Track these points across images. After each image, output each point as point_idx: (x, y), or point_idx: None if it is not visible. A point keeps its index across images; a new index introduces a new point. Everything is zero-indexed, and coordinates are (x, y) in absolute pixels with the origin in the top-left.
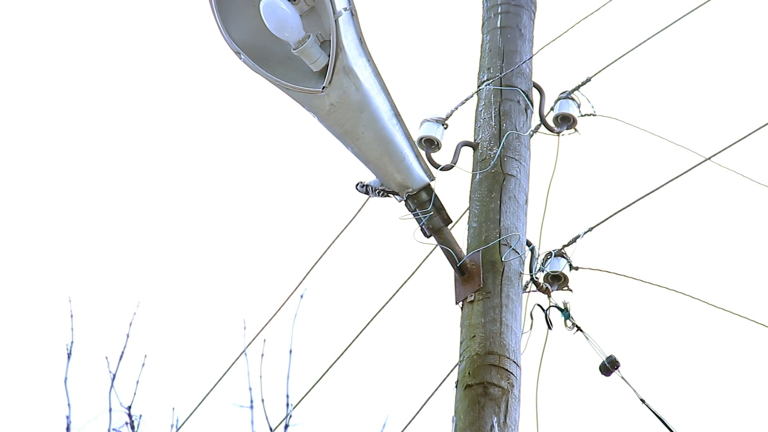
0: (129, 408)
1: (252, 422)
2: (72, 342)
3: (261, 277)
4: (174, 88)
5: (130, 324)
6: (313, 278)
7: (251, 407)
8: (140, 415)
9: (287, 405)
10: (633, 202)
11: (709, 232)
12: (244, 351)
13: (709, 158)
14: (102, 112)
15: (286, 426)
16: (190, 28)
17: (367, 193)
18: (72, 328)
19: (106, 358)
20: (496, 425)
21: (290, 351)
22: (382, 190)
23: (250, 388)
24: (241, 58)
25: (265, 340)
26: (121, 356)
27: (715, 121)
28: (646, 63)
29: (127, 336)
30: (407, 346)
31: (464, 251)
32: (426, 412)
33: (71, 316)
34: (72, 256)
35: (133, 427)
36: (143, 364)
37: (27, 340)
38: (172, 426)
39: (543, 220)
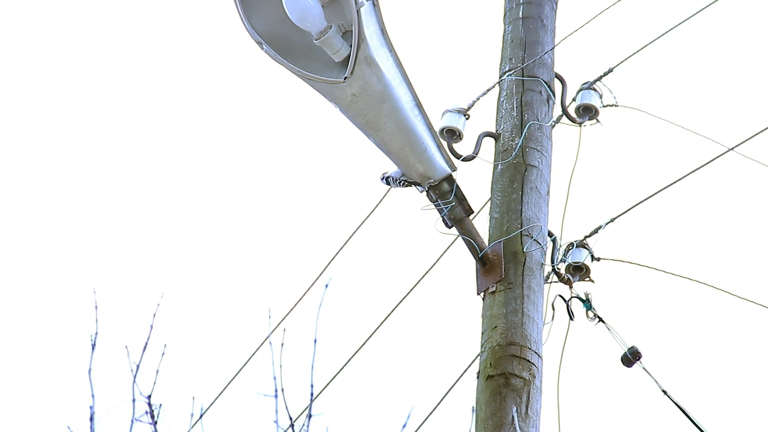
0: (149, 397)
1: (276, 411)
2: (96, 333)
3: (283, 268)
4: (200, 79)
5: (154, 315)
6: (334, 268)
7: (275, 396)
8: (160, 405)
9: (311, 395)
10: (655, 193)
11: (731, 223)
12: (266, 339)
13: (731, 149)
14: (132, 106)
15: (309, 416)
16: (211, 21)
17: (388, 183)
18: (96, 319)
19: (126, 347)
20: (516, 416)
21: (315, 341)
22: (404, 180)
23: (275, 377)
24: (263, 49)
25: (285, 330)
26: (145, 347)
27: (737, 112)
28: (668, 53)
29: (151, 327)
30: (429, 336)
31: (486, 242)
32: (447, 403)
33: (95, 307)
34: (97, 248)
35: (153, 416)
36: (163, 354)
37: (52, 330)
38: (192, 415)
39: (565, 210)
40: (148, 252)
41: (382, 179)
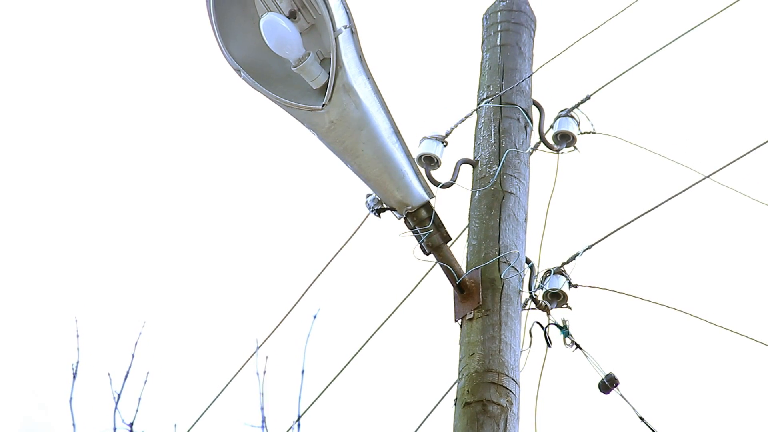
0: (131, 425)
1: None
2: (78, 362)
3: (262, 293)
4: (181, 100)
5: (135, 344)
6: (312, 294)
7: (263, 427)
8: None
9: (298, 426)
10: (632, 220)
11: (708, 250)
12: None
13: (708, 176)
14: (105, 129)
15: None
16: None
17: (369, 208)
18: (78, 348)
19: (109, 374)
20: None
21: (302, 371)
22: (381, 207)
23: (262, 408)
24: (241, 76)
25: (267, 357)
26: (126, 376)
27: (714, 139)
28: (645, 81)
29: (132, 356)
30: (406, 363)
31: (463, 269)
32: (425, 430)
33: (77, 335)
34: (78, 277)
35: None
36: (145, 381)
37: (34, 359)
38: None
39: (542, 237)
40: (129, 280)
41: (369, 201)
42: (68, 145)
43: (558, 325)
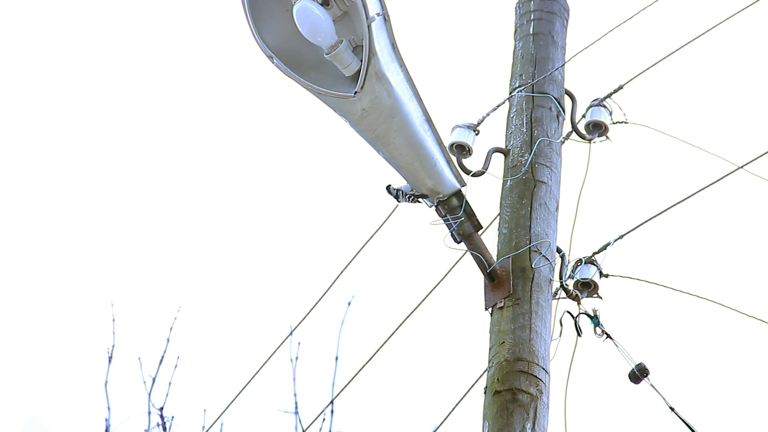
0: (161, 409)
1: (296, 428)
2: (113, 346)
3: (295, 281)
4: (207, 94)
5: (170, 328)
6: (343, 281)
7: (296, 413)
8: (172, 417)
9: (332, 411)
10: (664, 210)
11: (741, 241)
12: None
13: (741, 167)
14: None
15: None
16: (221, 29)
17: (397, 197)
18: (114, 332)
19: (140, 359)
20: (525, 431)
21: (336, 358)
22: (412, 195)
23: (295, 394)
24: (273, 62)
25: (300, 344)
26: (161, 361)
27: (747, 130)
28: (678, 71)
29: (167, 340)
30: (437, 351)
31: (494, 257)
32: (454, 418)
33: (113, 320)
34: (115, 262)
35: (165, 429)
36: (176, 366)
37: (70, 343)
38: (203, 427)
39: (573, 227)
40: (165, 266)
41: (390, 191)
42: (106, 132)
43: (588, 315)
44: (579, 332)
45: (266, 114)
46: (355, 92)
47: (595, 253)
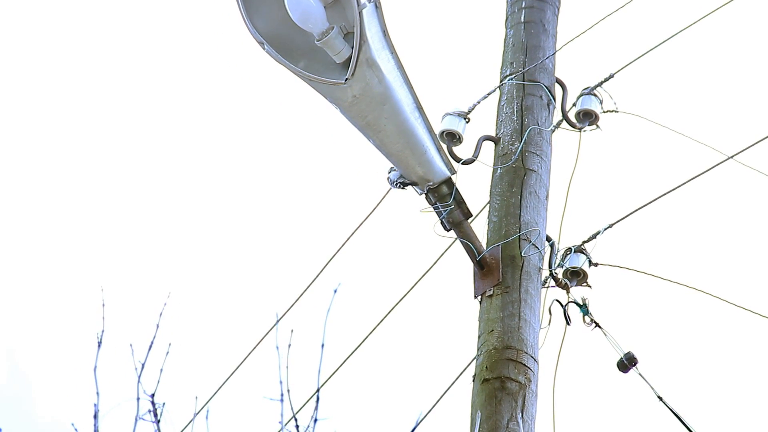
0: (152, 396)
1: (282, 414)
2: (103, 331)
3: (284, 267)
4: (203, 83)
5: (160, 314)
6: (332, 268)
7: (281, 400)
8: (163, 403)
9: (317, 399)
10: (654, 200)
11: (730, 231)
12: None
13: (731, 157)
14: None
15: (315, 420)
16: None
17: (391, 183)
18: (103, 317)
19: (131, 345)
20: (513, 420)
21: (322, 345)
22: (402, 182)
23: (281, 382)
24: (264, 49)
25: (292, 331)
26: (150, 346)
27: (737, 120)
28: (669, 60)
29: (157, 326)
30: (425, 339)
31: (484, 245)
32: (442, 406)
33: (103, 305)
34: (105, 248)
35: (156, 415)
36: (167, 353)
37: (59, 327)
38: (195, 414)
39: (563, 215)
40: (155, 251)
41: (388, 178)
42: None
43: (577, 303)
44: (568, 321)
45: (254, 102)
46: (346, 79)
47: (584, 242)
